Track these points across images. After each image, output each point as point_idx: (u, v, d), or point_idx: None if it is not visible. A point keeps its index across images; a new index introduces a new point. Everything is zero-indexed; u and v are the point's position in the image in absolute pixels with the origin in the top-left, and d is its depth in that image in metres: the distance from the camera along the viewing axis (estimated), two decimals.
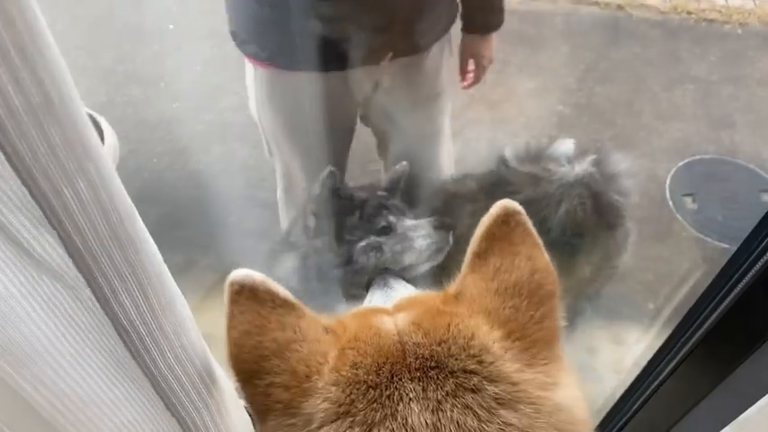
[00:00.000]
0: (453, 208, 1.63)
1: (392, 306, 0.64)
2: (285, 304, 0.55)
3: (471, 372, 0.50)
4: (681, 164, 2.56)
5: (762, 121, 2.69)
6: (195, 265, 2.24)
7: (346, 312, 0.63)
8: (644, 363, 1.01)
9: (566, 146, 1.59)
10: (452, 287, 0.60)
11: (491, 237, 0.59)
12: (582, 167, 1.52)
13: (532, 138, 1.69)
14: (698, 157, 2.58)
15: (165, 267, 0.47)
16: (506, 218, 0.59)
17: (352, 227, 1.42)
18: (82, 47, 2.90)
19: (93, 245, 0.37)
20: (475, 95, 2.79)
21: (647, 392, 0.99)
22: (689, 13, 3.06)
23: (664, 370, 0.94)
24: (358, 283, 1.41)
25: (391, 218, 1.43)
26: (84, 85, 2.67)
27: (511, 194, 1.49)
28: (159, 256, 0.45)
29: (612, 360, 2.22)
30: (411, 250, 1.41)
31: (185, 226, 2.32)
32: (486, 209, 0.60)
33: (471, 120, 2.71)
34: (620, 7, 3.09)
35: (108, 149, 0.73)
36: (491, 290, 0.57)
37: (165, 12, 3.04)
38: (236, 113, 2.68)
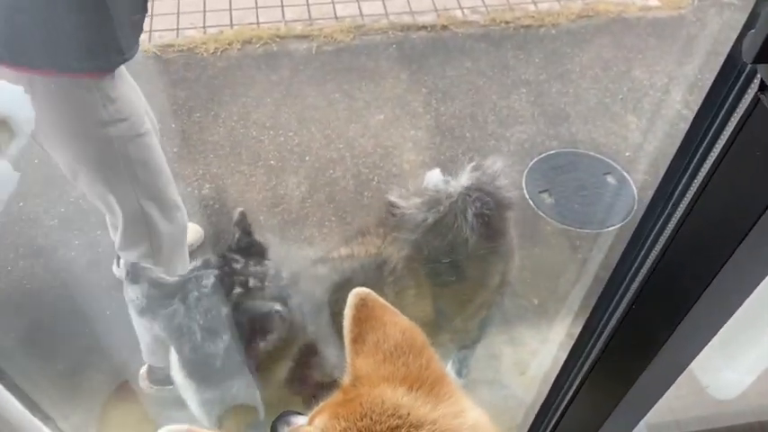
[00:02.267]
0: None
1: (306, 421, 0.71)
2: None
3: (397, 427, 0.59)
4: (531, 163, 2.74)
5: (591, 110, 2.94)
6: (83, 369, 2.07)
7: None
8: (546, 361, 1.05)
9: (435, 175, 1.65)
10: (346, 379, 0.68)
11: (358, 321, 0.68)
12: (466, 177, 1.58)
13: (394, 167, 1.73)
14: (544, 154, 2.77)
15: None
16: (363, 301, 0.69)
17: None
18: None
19: None
20: (331, 135, 2.82)
21: (566, 401, 1.03)
22: (506, 22, 3.29)
23: (576, 377, 0.98)
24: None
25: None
26: None
27: (416, 227, 1.52)
28: None
29: (514, 362, 2.31)
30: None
31: (62, 330, 2.14)
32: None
33: (332, 159, 2.72)
34: (444, 27, 3.26)
35: None
36: (379, 361, 0.66)
37: None
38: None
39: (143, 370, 2.07)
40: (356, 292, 0.69)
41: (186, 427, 0.65)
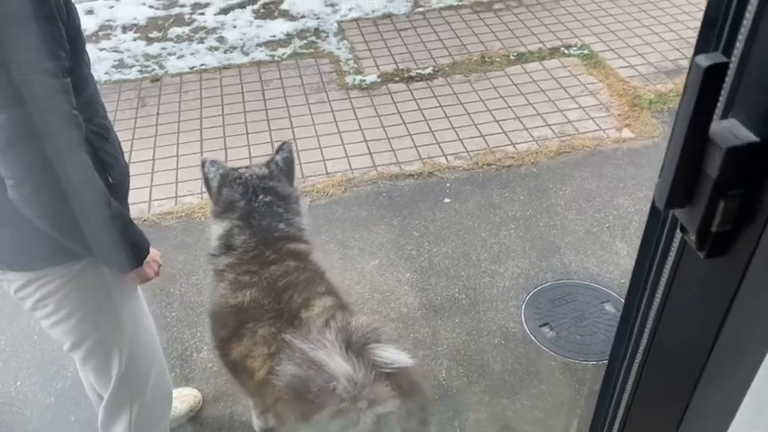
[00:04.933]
0: None
1: None
2: None
3: None
4: (528, 297, 2.74)
5: (580, 240, 3.00)
6: None
7: None
8: None
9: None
10: None
11: None
12: None
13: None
14: (540, 287, 2.78)
15: None
16: None
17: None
18: None
19: None
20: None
21: None
22: (488, 164, 3.45)
23: None
24: None
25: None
26: None
27: None
28: None
29: None
30: None
31: None
32: None
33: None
34: (431, 174, 3.42)
35: None
36: None
37: None
38: None
39: None
40: None
41: None
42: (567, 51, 4.45)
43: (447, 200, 3.29)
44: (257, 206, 1.82)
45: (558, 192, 3.29)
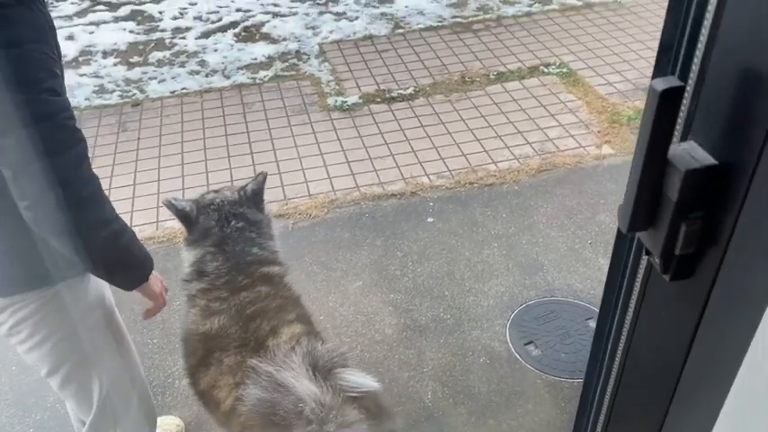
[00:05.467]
0: None
1: None
2: None
3: None
4: (512, 315, 2.74)
5: (563, 257, 3.00)
6: None
7: None
8: None
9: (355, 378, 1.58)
10: None
11: None
12: None
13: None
14: (524, 305, 2.78)
15: None
16: None
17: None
18: None
19: None
20: (311, 306, 2.82)
21: None
22: (470, 183, 3.47)
23: None
24: None
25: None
26: None
27: None
28: None
29: None
30: None
31: None
32: None
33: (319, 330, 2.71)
34: (413, 193, 3.43)
35: None
36: None
37: None
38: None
39: None
40: None
41: None
42: (546, 70, 4.50)
43: (430, 219, 3.29)
44: (230, 232, 1.81)
45: (540, 209, 3.30)
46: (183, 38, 5.20)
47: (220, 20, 5.47)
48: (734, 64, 0.51)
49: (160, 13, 5.59)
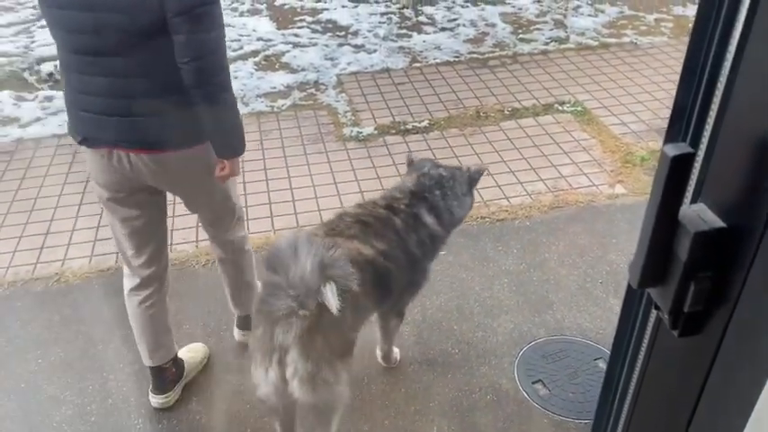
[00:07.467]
0: None
1: None
2: None
3: None
4: (521, 353, 2.73)
5: (573, 296, 3.00)
6: None
7: None
8: None
9: None
10: None
11: None
12: None
13: None
14: (533, 342, 2.77)
15: None
16: None
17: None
18: None
19: None
20: None
21: None
22: (482, 217, 3.49)
23: None
24: None
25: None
26: None
27: None
28: None
29: None
30: None
31: None
32: None
33: None
34: None
35: None
36: None
37: None
38: (74, 424, 2.45)
39: None
40: None
41: None
42: (560, 108, 4.54)
43: (441, 252, 3.30)
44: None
45: (552, 246, 3.31)
46: None
47: (241, 48, 5.59)
48: (744, 131, 0.54)
49: None
